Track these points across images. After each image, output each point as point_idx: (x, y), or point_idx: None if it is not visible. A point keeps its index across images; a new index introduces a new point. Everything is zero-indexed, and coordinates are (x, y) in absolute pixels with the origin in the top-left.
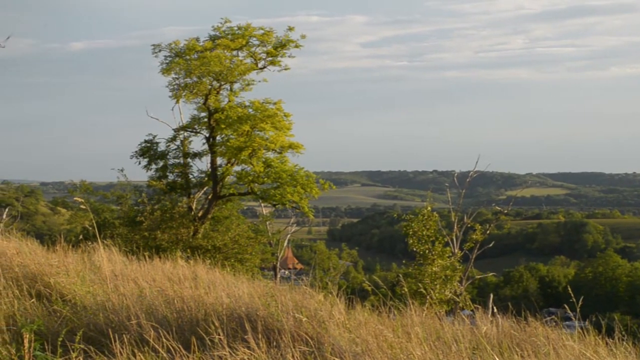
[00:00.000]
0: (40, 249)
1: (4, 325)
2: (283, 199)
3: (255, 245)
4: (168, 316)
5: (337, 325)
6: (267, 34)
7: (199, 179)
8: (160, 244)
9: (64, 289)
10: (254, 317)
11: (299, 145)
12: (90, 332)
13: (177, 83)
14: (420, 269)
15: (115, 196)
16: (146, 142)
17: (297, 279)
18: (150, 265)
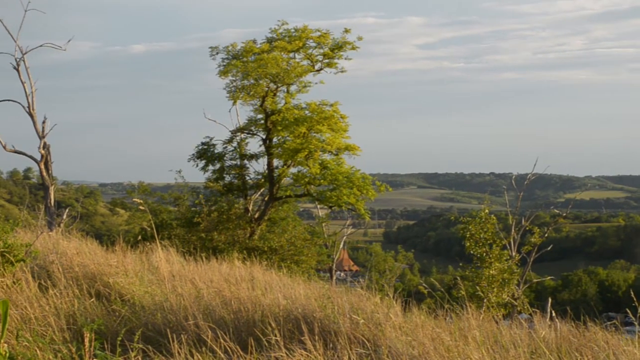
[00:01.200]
0: (99, 249)
1: (65, 324)
2: (339, 201)
3: (311, 247)
4: (225, 317)
5: (393, 328)
6: (324, 36)
7: (255, 180)
8: (217, 245)
9: (122, 289)
10: (311, 319)
11: (356, 147)
12: (148, 332)
13: (234, 85)
14: (477, 272)
15: (173, 197)
16: (203, 144)
17: (353, 281)
18: (207, 266)
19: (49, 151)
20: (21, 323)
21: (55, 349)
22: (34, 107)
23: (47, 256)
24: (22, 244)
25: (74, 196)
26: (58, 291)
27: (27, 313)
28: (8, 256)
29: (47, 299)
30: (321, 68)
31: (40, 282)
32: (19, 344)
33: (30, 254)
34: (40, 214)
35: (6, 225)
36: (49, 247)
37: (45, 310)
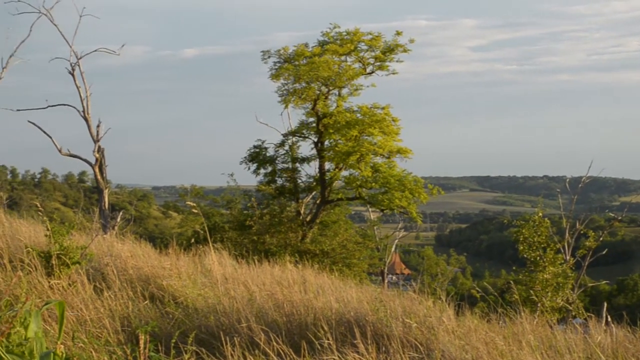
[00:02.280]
0: (153, 252)
1: (119, 326)
2: (391, 204)
3: (363, 250)
4: (278, 320)
5: (446, 332)
6: (376, 39)
7: (307, 183)
8: (269, 248)
9: (176, 291)
10: (363, 322)
11: (407, 150)
12: (201, 334)
13: (286, 88)
14: (531, 276)
15: (225, 200)
16: (255, 147)
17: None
18: (260, 269)
19: (103, 154)
20: (77, 325)
21: (110, 351)
22: (88, 111)
23: (101, 259)
24: (77, 246)
25: (128, 199)
26: (113, 293)
27: (82, 315)
28: (64, 258)
29: (102, 301)
30: (373, 71)
31: (95, 284)
32: (75, 345)
33: (86, 256)
34: (95, 216)
35: (62, 228)
36: (104, 250)
37: (100, 312)
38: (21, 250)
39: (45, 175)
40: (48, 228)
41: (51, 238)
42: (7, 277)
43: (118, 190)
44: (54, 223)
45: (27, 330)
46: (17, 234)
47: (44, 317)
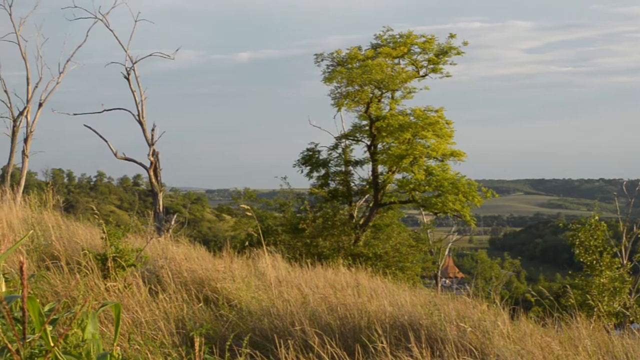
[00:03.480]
0: (207, 254)
1: (174, 328)
2: (445, 207)
3: (416, 254)
4: (331, 323)
5: (501, 336)
6: (429, 42)
7: (360, 186)
8: (322, 251)
9: (230, 294)
10: (417, 326)
11: (461, 152)
12: (255, 337)
13: (338, 92)
14: (587, 280)
15: (278, 203)
16: (308, 151)
17: (458, 288)
18: (313, 272)
19: (158, 158)
20: (132, 326)
21: (166, 353)
22: (143, 115)
23: (156, 261)
24: (132, 249)
25: (182, 202)
26: (167, 296)
27: (138, 317)
28: (120, 261)
29: (157, 303)
30: (426, 74)
31: (151, 286)
32: (130, 347)
33: (141, 259)
34: (150, 219)
35: (118, 231)
36: (159, 253)
37: (155, 314)
38: (78, 252)
39: (100, 178)
40: (104, 231)
41: (107, 241)
42: (64, 279)
43: (172, 194)
44: (110, 226)
45: (84, 332)
46: (74, 237)
47: (101, 319)
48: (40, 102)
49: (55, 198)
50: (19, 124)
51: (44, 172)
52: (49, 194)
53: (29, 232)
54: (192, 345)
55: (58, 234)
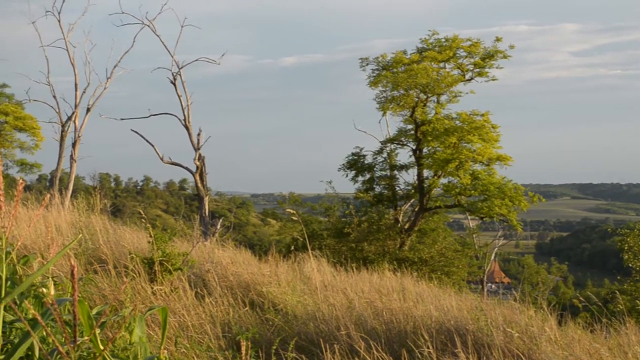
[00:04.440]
0: (252, 258)
1: (220, 332)
2: (491, 212)
3: (462, 258)
4: (377, 328)
5: (549, 342)
6: (475, 45)
7: (405, 191)
8: (367, 255)
9: (275, 298)
10: (463, 331)
11: (507, 157)
12: (301, 341)
13: (384, 96)
14: (636, 286)
15: (323, 208)
16: (353, 155)
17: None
18: (358, 276)
19: (204, 162)
20: (179, 330)
21: (212, 356)
22: (189, 119)
23: (202, 265)
24: (179, 253)
25: (227, 206)
26: (214, 299)
27: (184, 320)
28: (166, 265)
29: (204, 307)
30: (472, 77)
31: (197, 290)
32: (177, 350)
33: (187, 263)
34: (196, 223)
35: (164, 235)
36: (205, 257)
37: (201, 318)
38: (125, 256)
39: (147, 182)
40: (151, 235)
41: (154, 245)
42: (111, 282)
43: (218, 198)
44: (157, 230)
45: (132, 335)
46: (121, 241)
47: (148, 322)
48: (88, 107)
49: (103, 202)
50: (67, 129)
51: (91, 177)
52: (97, 198)
53: (78, 236)
54: (238, 349)
55: (105, 238)
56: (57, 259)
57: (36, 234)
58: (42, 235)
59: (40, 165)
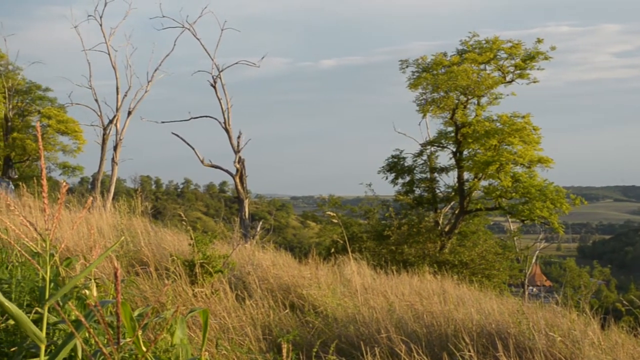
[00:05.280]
0: (292, 261)
1: (261, 334)
2: (532, 215)
3: (502, 261)
4: (417, 331)
5: (591, 346)
6: (516, 47)
7: (445, 193)
8: (407, 258)
9: (315, 300)
10: (505, 335)
11: (548, 159)
12: (341, 344)
13: (424, 98)
14: None
15: (363, 210)
16: (393, 157)
17: (546, 296)
18: (398, 279)
19: (244, 165)
20: (220, 332)
21: (253, 359)
22: (229, 122)
23: (243, 267)
24: (219, 255)
25: (267, 209)
26: (254, 302)
27: (225, 322)
28: (207, 267)
29: (244, 309)
30: (512, 79)
31: (237, 292)
32: (218, 352)
33: (228, 265)
34: (236, 226)
35: (205, 238)
36: (245, 259)
37: (242, 320)
38: (166, 258)
39: (187, 185)
40: (192, 237)
41: (195, 247)
42: (153, 284)
43: (257, 200)
44: (197, 232)
45: (173, 337)
46: (162, 243)
47: (189, 324)
48: (129, 110)
49: (144, 205)
50: (108, 132)
51: (132, 179)
52: (138, 201)
53: (120, 239)
54: (279, 351)
55: (147, 240)
56: (100, 261)
57: (78, 236)
58: (85, 237)
59: (82, 168)
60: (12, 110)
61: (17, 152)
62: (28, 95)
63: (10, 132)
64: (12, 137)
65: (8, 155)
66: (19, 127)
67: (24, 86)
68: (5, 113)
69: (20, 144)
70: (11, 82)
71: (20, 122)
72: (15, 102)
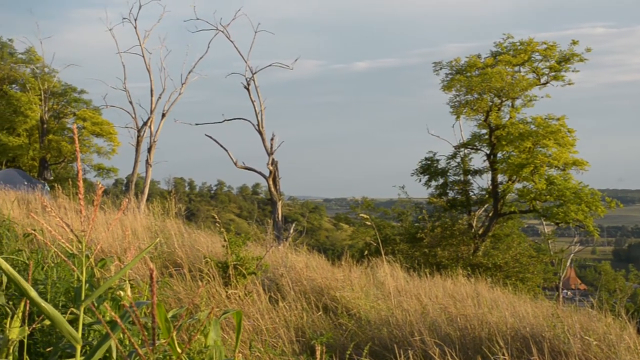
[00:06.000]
0: (325, 263)
1: (294, 336)
2: (566, 217)
3: (537, 265)
4: (451, 334)
5: (628, 350)
6: (550, 49)
7: (479, 196)
8: (440, 260)
9: (349, 303)
10: (540, 338)
11: (584, 161)
12: (374, 347)
13: (457, 100)
14: None
15: (396, 213)
16: (427, 160)
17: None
18: (431, 281)
19: (277, 167)
20: (253, 334)
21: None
22: (263, 124)
23: (276, 269)
24: (253, 257)
25: (300, 211)
26: (287, 304)
27: (258, 324)
28: (240, 269)
29: (277, 311)
30: (547, 81)
31: (270, 294)
32: (251, 354)
33: (261, 267)
34: (269, 228)
35: (238, 239)
36: (278, 261)
37: (275, 322)
38: (199, 260)
39: (220, 187)
40: (225, 239)
41: (228, 249)
42: (186, 286)
43: (290, 202)
44: (231, 234)
45: (207, 338)
46: (196, 245)
47: (222, 325)
48: (164, 112)
49: (177, 206)
50: (143, 134)
51: (166, 181)
52: (172, 202)
53: (155, 240)
54: (312, 353)
55: (180, 242)
56: (135, 262)
57: (113, 238)
58: (119, 239)
59: (117, 170)
60: (47, 112)
61: (53, 154)
62: (63, 98)
63: (46, 134)
64: (47, 139)
65: (44, 157)
66: (55, 129)
67: (59, 88)
68: (41, 115)
69: (55, 146)
70: (47, 84)
71: (56, 124)
72: (50, 105)
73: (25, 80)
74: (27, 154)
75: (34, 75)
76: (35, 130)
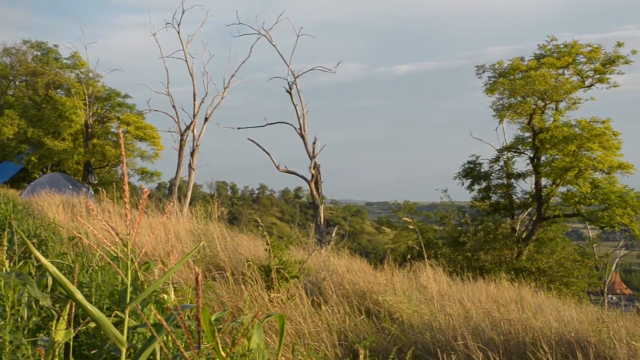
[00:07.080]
0: (367, 267)
1: (337, 340)
2: (612, 221)
3: (581, 269)
4: (495, 338)
5: None
6: (595, 51)
7: (522, 199)
8: (483, 264)
9: (391, 307)
10: (585, 344)
11: (629, 165)
12: (417, 351)
13: (500, 103)
14: None
15: (439, 216)
16: (469, 163)
17: (626, 305)
18: (475, 286)
19: (319, 171)
20: (296, 337)
21: None
22: (305, 128)
23: (318, 273)
24: (295, 261)
25: (342, 215)
26: (330, 307)
27: (301, 328)
28: (283, 272)
29: (320, 315)
30: (592, 84)
31: (313, 298)
32: (294, 357)
33: (304, 270)
34: (311, 232)
35: (281, 243)
36: (320, 265)
37: (318, 326)
38: (242, 263)
39: (263, 191)
40: (268, 243)
41: (271, 252)
42: (229, 290)
43: (332, 206)
44: (273, 238)
45: (250, 341)
46: (238, 248)
47: (265, 329)
48: (206, 116)
49: (220, 210)
50: (185, 138)
51: (209, 185)
52: (214, 206)
53: (199, 244)
54: (355, 357)
55: (223, 245)
56: (179, 266)
57: (156, 241)
58: (162, 242)
59: (160, 174)
60: (92, 117)
61: (97, 158)
62: (107, 102)
63: (91, 139)
64: (92, 144)
65: (88, 161)
66: (99, 133)
67: (103, 93)
68: (85, 120)
69: (99, 150)
70: (91, 89)
71: (100, 128)
72: (95, 109)
73: (70, 85)
74: (71, 158)
75: (78, 80)
76: (79, 135)
